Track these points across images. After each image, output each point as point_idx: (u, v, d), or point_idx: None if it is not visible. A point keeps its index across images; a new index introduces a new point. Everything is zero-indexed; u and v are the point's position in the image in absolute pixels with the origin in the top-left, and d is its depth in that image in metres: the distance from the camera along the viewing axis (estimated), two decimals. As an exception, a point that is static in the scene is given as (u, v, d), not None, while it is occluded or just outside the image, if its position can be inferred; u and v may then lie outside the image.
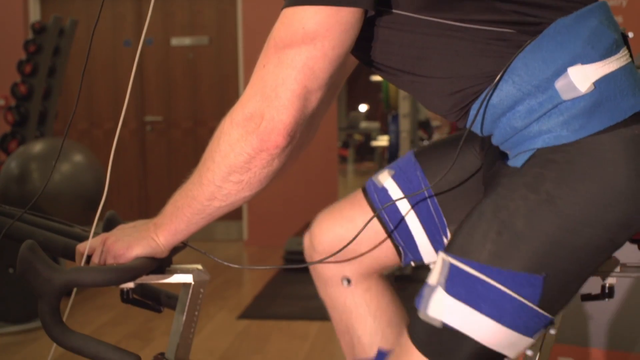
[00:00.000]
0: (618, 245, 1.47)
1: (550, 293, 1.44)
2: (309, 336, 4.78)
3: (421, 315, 1.49)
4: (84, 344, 1.52)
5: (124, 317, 5.22)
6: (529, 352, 1.64)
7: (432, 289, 1.48)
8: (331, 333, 2.08)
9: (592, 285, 1.61)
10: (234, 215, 7.82)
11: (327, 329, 3.95)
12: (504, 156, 1.54)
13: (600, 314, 3.34)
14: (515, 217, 1.43)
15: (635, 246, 1.65)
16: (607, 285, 1.62)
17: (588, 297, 1.67)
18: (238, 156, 1.49)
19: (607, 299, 1.64)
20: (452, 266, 1.46)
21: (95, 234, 1.64)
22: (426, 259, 1.81)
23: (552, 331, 1.60)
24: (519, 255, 1.43)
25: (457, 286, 1.45)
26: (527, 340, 1.47)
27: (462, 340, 1.45)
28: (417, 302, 1.50)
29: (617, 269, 1.63)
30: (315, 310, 5.00)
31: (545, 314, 1.45)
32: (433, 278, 1.49)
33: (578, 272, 1.46)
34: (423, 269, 6.51)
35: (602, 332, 3.36)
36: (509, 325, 1.44)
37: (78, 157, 5.08)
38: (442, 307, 1.46)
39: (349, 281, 1.85)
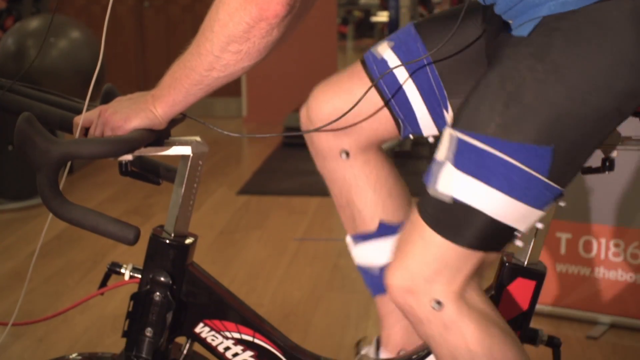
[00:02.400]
0: (624, 115, 1.46)
1: (559, 164, 1.44)
2: (308, 211, 4.81)
3: (430, 191, 1.48)
4: (83, 216, 1.52)
5: (124, 193, 5.25)
6: (540, 225, 1.64)
7: (441, 164, 1.47)
8: (330, 208, 2.08)
9: (593, 158, 1.60)
10: (233, 91, 7.78)
11: (327, 204, 3.97)
12: (507, 27, 1.51)
13: (599, 189, 3.35)
14: (522, 88, 1.41)
15: (637, 119, 1.64)
16: (608, 158, 1.61)
17: (588, 170, 1.66)
18: (237, 25, 1.46)
19: (607, 172, 1.64)
20: (459, 140, 1.45)
21: (92, 106, 1.62)
22: (425, 132, 1.80)
23: (562, 203, 1.60)
24: (527, 127, 1.42)
25: (466, 161, 1.45)
26: (538, 213, 1.48)
27: (472, 215, 1.45)
28: (426, 178, 1.50)
29: (619, 142, 1.62)
30: (314, 185, 5.01)
31: (555, 185, 1.45)
32: (441, 154, 1.48)
33: (586, 143, 1.46)
34: (423, 146, 6.57)
35: (601, 208, 3.38)
36: (519, 198, 1.44)
37: (75, 33, 5.02)
38: (452, 182, 1.46)
39: (347, 154, 1.84)
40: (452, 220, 1.47)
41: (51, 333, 3.33)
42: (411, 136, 1.81)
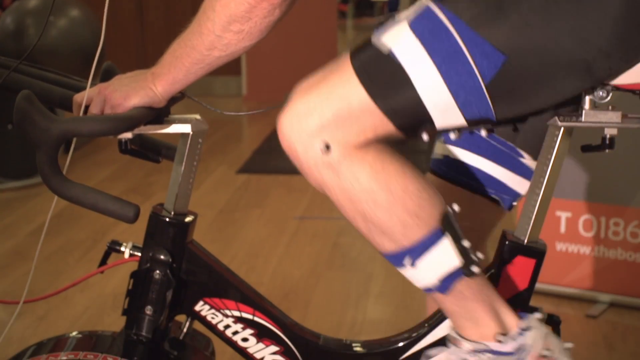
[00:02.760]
0: (591, 76, 1.44)
1: (501, 82, 1.41)
2: (308, 190, 4.81)
3: (373, 39, 1.44)
4: (83, 194, 1.52)
5: (124, 172, 5.25)
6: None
7: (397, 22, 1.44)
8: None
9: (593, 136, 1.60)
10: (232, 70, 7.77)
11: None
12: None
13: (599, 167, 3.35)
14: (513, 3, 1.39)
15: (636, 97, 1.63)
16: (608, 136, 1.61)
17: (588, 148, 1.65)
18: (239, 5, 1.45)
19: (607, 150, 1.63)
20: (427, 8, 1.42)
21: (93, 84, 1.62)
22: (522, 190, 1.75)
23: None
24: (495, 30, 1.39)
25: (423, 25, 1.41)
26: (459, 117, 1.44)
27: (400, 79, 1.41)
28: (376, 30, 1.45)
29: (619, 119, 1.61)
30: (314, 165, 5.01)
31: (488, 100, 1.42)
32: (402, 14, 1.44)
33: (538, 80, 1.43)
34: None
35: (601, 186, 3.38)
36: (450, 86, 1.40)
37: (75, 12, 5.00)
38: (398, 37, 1.41)
39: None
40: (380, 75, 1.42)
41: (51, 311, 3.34)
42: (515, 203, 1.78)
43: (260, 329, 1.68)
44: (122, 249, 1.70)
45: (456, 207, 1.54)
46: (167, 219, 1.66)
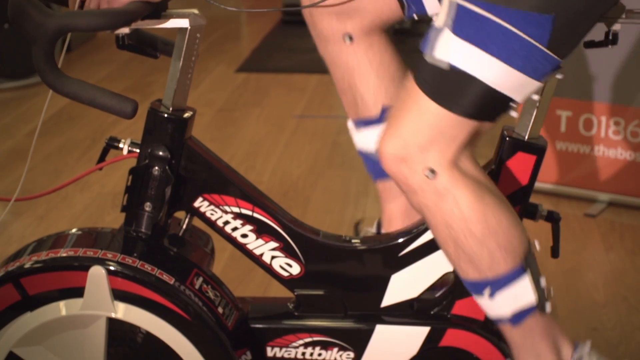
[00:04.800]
0: None
1: (558, 34, 1.42)
2: (307, 89, 4.78)
3: (427, 57, 1.46)
4: (80, 89, 1.51)
5: (123, 71, 5.21)
6: (536, 97, 1.62)
7: (439, 31, 1.45)
8: (330, 85, 2.07)
9: (595, 32, 1.58)
10: (231, -32, 7.66)
11: (326, 81, 3.95)
12: None
13: (600, 65, 3.32)
14: None
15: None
16: (612, 31, 1.59)
17: (591, 44, 1.64)
18: None
19: (610, 46, 1.61)
20: (459, 7, 1.42)
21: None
22: (430, 11, 1.75)
23: (559, 76, 1.58)
24: None
25: (465, 27, 1.42)
26: (535, 84, 1.46)
27: (469, 82, 1.43)
28: (423, 45, 1.47)
29: (623, 15, 1.59)
30: (313, 63, 4.95)
31: (554, 55, 1.43)
32: (440, 20, 1.45)
33: (588, 13, 1.44)
34: (423, 23, 6.46)
35: (602, 85, 3.36)
36: (517, 67, 1.42)
37: None
38: (449, 48, 1.43)
39: (350, 38, 1.80)
40: (449, 87, 1.45)
41: (51, 211, 3.35)
42: (415, 16, 1.77)
43: (259, 225, 1.69)
44: (121, 145, 1.70)
45: (537, 245, 1.60)
46: (166, 115, 1.64)
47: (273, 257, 1.70)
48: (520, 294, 1.55)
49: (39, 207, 3.34)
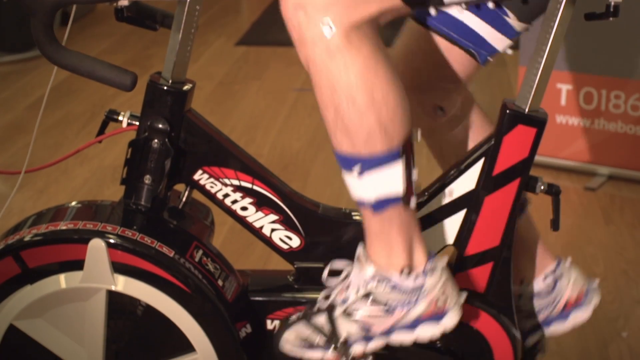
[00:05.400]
0: None
1: None
2: (307, 63, 4.77)
3: None
4: (79, 61, 1.50)
5: (122, 44, 5.20)
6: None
7: None
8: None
9: (596, 4, 1.57)
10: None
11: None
12: None
13: (601, 38, 3.31)
14: None
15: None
16: (613, 3, 1.58)
17: (592, 17, 1.63)
18: None
19: (611, 19, 1.60)
20: None
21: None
22: (500, 47, 1.72)
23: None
24: None
25: None
26: None
27: None
28: None
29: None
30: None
31: None
32: None
33: None
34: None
35: (602, 59, 3.35)
36: None
37: None
38: None
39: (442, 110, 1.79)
40: None
41: (51, 184, 3.35)
42: (490, 58, 1.74)
43: (259, 197, 1.69)
44: (120, 118, 1.69)
45: (419, 136, 1.54)
46: (165, 87, 1.64)
47: (273, 230, 1.70)
48: (389, 180, 1.50)
49: (39, 180, 3.34)
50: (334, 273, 1.67)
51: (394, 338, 1.60)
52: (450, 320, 1.58)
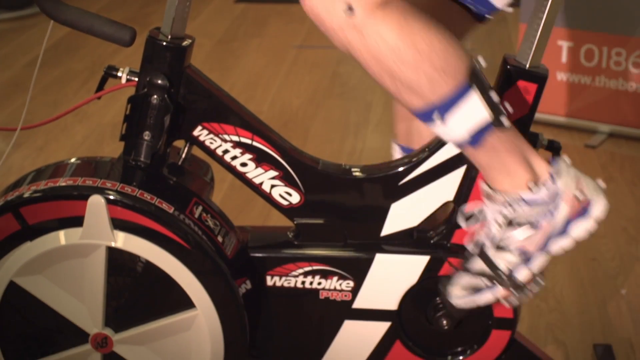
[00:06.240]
0: None
1: None
2: (307, 19, 4.66)
3: None
4: (78, 17, 1.50)
5: (120, 2, 5.17)
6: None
7: None
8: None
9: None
10: None
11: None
12: None
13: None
14: None
15: None
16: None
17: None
18: None
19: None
20: None
21: None
22: (498, 4, 1.69)
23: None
24: None
25: None
26: None
27: None
28: None
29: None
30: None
31: None
32: None
33: None
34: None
35: (604, 15, 3.33)
36: None
37: None
38: None
39: None
40: None
41: (51, 142, 3.34)
42: (489, 16, 1.71)
43: (259, 153, 1.68)
44: (119, 74, 1.68)
45: (482, 62, 1.53)
46: (164, 43, 1.63)
47: (273, 186, 1.70)
48: (471, 111, 1.50)
49: (38, 138, 3.33)
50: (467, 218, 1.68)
51: (554, 248, 1.60)
52: (598, 209, 1.60)
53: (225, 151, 1.68)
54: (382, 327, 1.74)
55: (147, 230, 1.62)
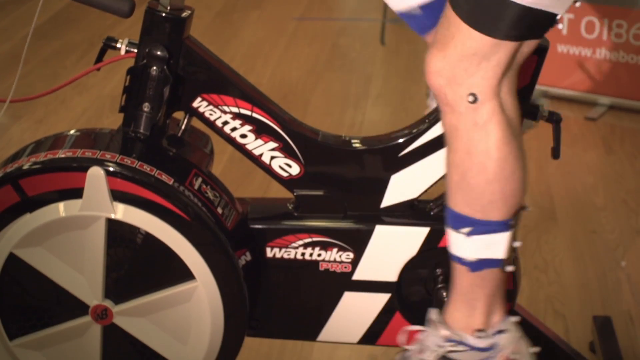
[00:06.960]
0: None
1: None
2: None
3: None
4: (76, -13, 1.49)
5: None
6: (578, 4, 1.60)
7: None
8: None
9: None
10: None
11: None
12: None
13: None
14: None
15: None
16: None
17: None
18: None
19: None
20: None
21: None
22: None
23: None
24: None
25: None
26: None
27: (504, 6, 1.40)
28: None
29: None
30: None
31: None
32: None
33: None
34: None
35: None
36: None
37: None
38: None
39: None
40: (486, 13, 1.42)
41: (50, 114, 3.34)
42: None
43: (258, 125, 1.68)
44: (118, 45, 1.67)
45: (529, 208, 1.59)
46: (163, 14, 1.62)
47: (272, 158, 1.70)
48: (495, 246, 1.54)
49: (38, 110, 3.33)
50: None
51: None
52: None
53: (225, 122, 1.68)
54: (382, 298, 1.74)
55: (147, 202, 1.61)
